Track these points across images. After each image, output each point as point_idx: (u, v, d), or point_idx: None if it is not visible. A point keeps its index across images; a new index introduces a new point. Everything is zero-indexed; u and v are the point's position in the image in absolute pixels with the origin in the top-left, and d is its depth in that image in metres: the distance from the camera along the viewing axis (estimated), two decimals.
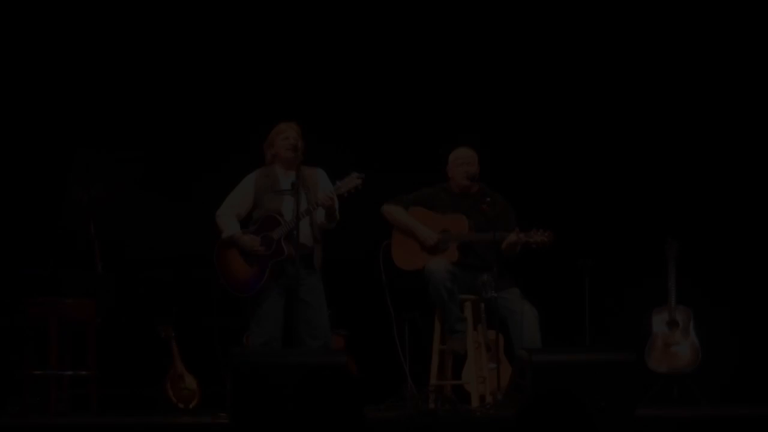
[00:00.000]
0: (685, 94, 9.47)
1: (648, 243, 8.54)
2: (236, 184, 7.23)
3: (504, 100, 9.50)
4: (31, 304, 7.33)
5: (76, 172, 8.09)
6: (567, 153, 9.42)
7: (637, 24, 9.50)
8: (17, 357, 7.62)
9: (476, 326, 7.30)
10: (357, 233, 7.66)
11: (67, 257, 8.18)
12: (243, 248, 7.04)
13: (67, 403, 7.42)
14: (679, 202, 9.27)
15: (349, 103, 9.37)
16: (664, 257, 8.16)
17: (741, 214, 9.27)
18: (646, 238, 8.72)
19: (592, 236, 8.94)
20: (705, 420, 6.93)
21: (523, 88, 9.55)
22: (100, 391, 7.41)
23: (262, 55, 9.44)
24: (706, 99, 9.43)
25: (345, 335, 8.63)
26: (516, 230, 7.14)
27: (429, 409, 6.54)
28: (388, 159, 8.96)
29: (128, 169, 8.29)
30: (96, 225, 8.05)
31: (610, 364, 6.59)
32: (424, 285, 7.13)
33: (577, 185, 9.39)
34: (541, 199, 8.82)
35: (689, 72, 9.48)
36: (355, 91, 9.41)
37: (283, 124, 7.17)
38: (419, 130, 9.27)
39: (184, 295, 8.20)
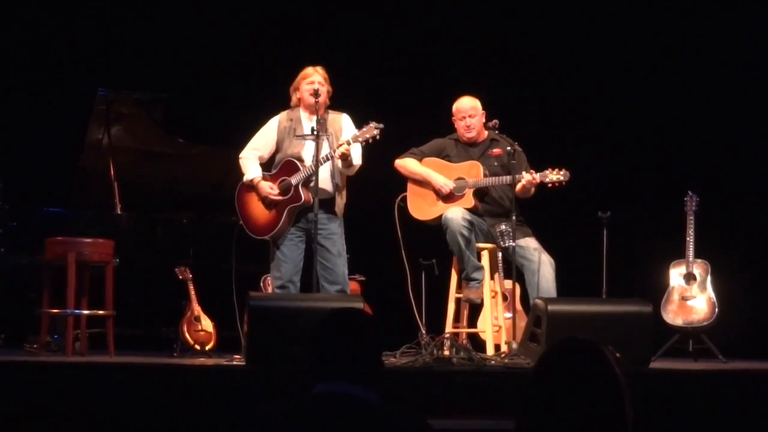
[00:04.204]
0: (703, 45, 9.40)
1: (667, 196, 8.50)
2: (260, 126, 7.23)
3: (525, 52, 9.45)
4: (50, 244, 7.36)
5: (96, 112, 8.09)
6: (588, 105, 9.38)
7: None
8: (36, 295, 7.67)
9: (493, 275, 7.31)
10: (377, 179, 7.66)
11: (87, 198, 8.21)
12: (260, 194, 7.07)
13: (85, 342, 7.47)
14: (699, 156, 9.23)
15: (368, 53, 9.35)
16: (683, 210, 8.12)
17: (761, 167, 9.23)
18: (665, 191, 8.69)
19: (612, 188, 8.91)
20: (720, 374, 6.94)
21: (544, 38, 9.49)
22: (117, 330, 7.45)
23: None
24: (726, 51, 9.37)
25: (362, 281, 8.65)
26: (531, 171, 7.12)
27: (444, 357, 6.55)
28: (407, 111, 8.94)
29: (149, 111, 8.29)
30: (116, 166, 8.07)
31: (625, 316, 6.61)
32: (442, 234, 7.13)
33: (597, 137, 9.35)
34: (561, 151, 8.78)
35: (709, 24, 9.41)
36: (376, 41, 9.40)
37: (309, 68, 7.14)
38: (439, 80, 9.23)
39: (202, 237, 8.22)
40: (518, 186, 7.11)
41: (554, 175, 7.10)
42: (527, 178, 7.06)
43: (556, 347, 2.59)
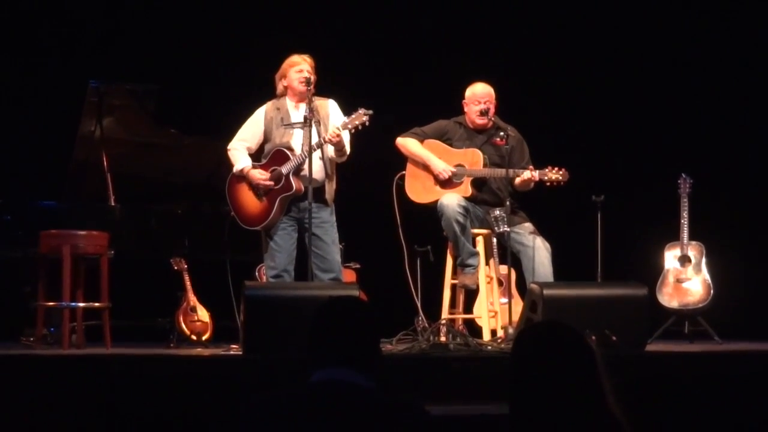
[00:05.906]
0: (697, 29, 9.39)
1: (661, 178, 8.51)
2: (248, 117, 7.22)
3: (518, 36, 9.44)
4: (44, 237, 7.35)
5: (88, 104, 8.07)
6: (582, 88, 9.37)
7: None
8: (31, 289, 7.67)
9: (488, 261, 7.32)
10: (371, 166, 7.65)
11: (80, 190, 8.20)
12: (251, 182, 7.07)
13: (81, 334, 7.47)
14: (692, 138, 9.23)
15: (362, 34, 9.33)
16: (677, 193, 8.13)
17: (755, 149, 9.24)
18: (659, 174, 8.69)
19: (606, 172, 8.91)
20: (716, 355, 6.96)
21: (538, 23, 9.48)
22: (113, 322, 7.44)
23: None
24: (719, 34, 9.36)
25: (357, 269, 8.65)
26: (530, 168, 7.12)
27: (440, 343, 6.56)
28: (404, 92, 8.94)
29: (141, 102, 8.27)
30: (109, 157, 8.05)
31: (621, 299, 6.61)
32: (437, 219, 7.13)
33: (591, 120, 9.35)
34: (555, 134, 8.79)
35: (697, 8, 9.40)
36: (371, 22, 9.37)
37: (296, 56, 7.13)
38: (435, 63, 9.23)
39: (196, 227, 8.21)
40: (517, 180, 7.12)
41: (553, 174, 7.10)
42: (527, 175, 7.07)
43: (524, 331, 2.67)
